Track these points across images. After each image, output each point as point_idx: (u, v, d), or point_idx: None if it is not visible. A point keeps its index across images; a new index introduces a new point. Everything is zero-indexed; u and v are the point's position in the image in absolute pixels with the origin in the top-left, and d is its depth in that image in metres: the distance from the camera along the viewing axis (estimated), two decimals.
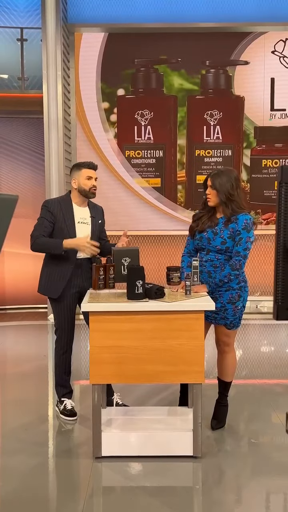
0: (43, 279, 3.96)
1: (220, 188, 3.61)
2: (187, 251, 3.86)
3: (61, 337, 3.97)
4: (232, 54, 7.50)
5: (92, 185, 3.90)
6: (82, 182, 3.89)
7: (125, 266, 3.53)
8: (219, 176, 3.63)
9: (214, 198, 3.65)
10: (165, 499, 3.04)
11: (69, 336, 3.97)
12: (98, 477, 3.30)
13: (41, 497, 3.08)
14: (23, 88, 7.39)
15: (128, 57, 7.43)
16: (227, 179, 3.62)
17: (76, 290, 3.91)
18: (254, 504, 3.07)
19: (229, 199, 3.62)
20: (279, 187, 1.80)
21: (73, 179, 3.93)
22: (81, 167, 3.93)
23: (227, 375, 3.84)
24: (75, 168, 3.94)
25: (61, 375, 4.02)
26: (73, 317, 3.97)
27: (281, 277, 1.85)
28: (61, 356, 3.98)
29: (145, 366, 3.37)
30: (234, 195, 3.64)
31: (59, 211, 3.88)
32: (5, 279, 7.65)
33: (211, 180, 3.65)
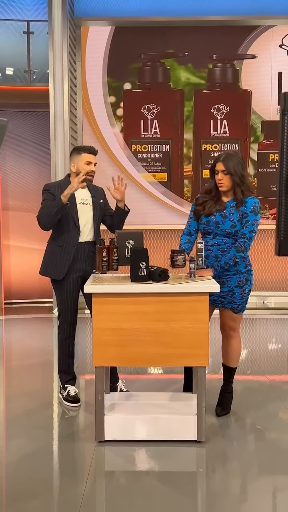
0: (45, 261, 3.93)
1: (234, 171, 3.56)
2: (187, 231, 3.82)
3: (64, 321, 3.93)
4: (240, 48, 7.45)
5: (90, 170, 3.88)
6: (81, 167, 3.87)
7: (129, 248, 3.49)
8: (230, 159, 3.58)
9: (228, 183, 3.60)
10: (168, 483, 2.99)
11: (72, 320, 3.94)
12: (101, 461, 3.26)
13: (43, 479, 3.04)
14: (29, 81, 7.39)
15: (134, 51, 7.40)
16: (237, 161, 3.58)
17: (79, 274, 3.88)
18: (258, 488, 3.01)
19: (242, 181, 3.58)
20: (282, 116, 1.76)
21: (72, 163, 3.91)
22: (81, 151, 3.91)
23: (232, 360, 3.80)
24: (75, 152, 3.92)
25: (64, 360, 3.99)
26: (76, 301, 3.94)
27: (284, 212, 1.81)
28: (64, 341, 3.95)
29: (148, 349, 3.33)
30: (245, 176, 3.61)
31: (60, 193, 3.85)
32: (11, 273, 7.63)
33: (223, 165, 3.57)
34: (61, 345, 3.97)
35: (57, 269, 3.86)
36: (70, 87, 7.06)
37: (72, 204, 3.84)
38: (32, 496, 2.85)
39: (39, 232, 7.46)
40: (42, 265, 3.96)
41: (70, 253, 3.85)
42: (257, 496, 2.93)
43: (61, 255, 3.86)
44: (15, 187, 7.58)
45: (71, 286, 3.88)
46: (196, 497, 2.93)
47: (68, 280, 3.86)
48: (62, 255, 3.85)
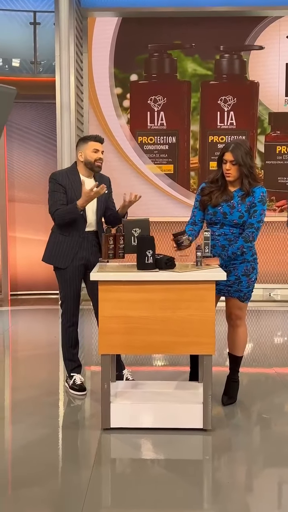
0: (49, 249, 3.93)
1: (243, 162, 3.53)
2: (191, 221, 3.79)
3: (67, 309, 3.93)
4: (247, 39, 7.41)
5: (98, 157, 3.86)
6: (88, 155, 3.86)
7: (135, 236, 3.49)
8: (239, 149, 3.54)
9: (235, 173, 3.58)
10: (173, 471, 2.99)
11: (75, 308, 3.93)
12: (107, 448, 3.26)
13: (49, 466, 3.04)
14: (36, 72, 7.38)
15: (141, 42, 7.37)
16: (245, 151, 3.55)
17: (81, 262, 3.88)
18: (263, 477, 3.01)
19: (249, 172, 3.56)
20: None
21: (79, 152, 3.90)
22: (87, 140, 3.90)
23: (238, 349, 3.79)
24: (82, 141, 3.91)
25: (68, 348, 3.99)
26: (79, 290, 3.93)
27: None
28: (67, 329, 3.95)
29: (154, 337, 3.32)
30: (253, 167, 3.60)
31: (67, 182, 3.85)
32: (17, 265, 7.64)
33: (232, 155, 3.53)
34: (64, 333, 3.97)
35: (63, 257, 3.85)
36: (77, 79, 7.04)
37: (80, 194, 3.82)
38: (38, 482, 2.86)
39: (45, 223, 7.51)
40: (46, 253, 3.96)
41: (76, 243, 3.84)
42: (263, 485, 2.93)
43: (67, 244, 3.85)
44: (21, 178, 7.59)
45: (74, 274, 3.87)
46: (202, 485, 2.92)
47: (71, 268, 3.86)
48: (68, 244, 3.85)
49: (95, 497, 2.75)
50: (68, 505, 2.67)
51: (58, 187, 3.85)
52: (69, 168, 4.06)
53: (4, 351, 5.34)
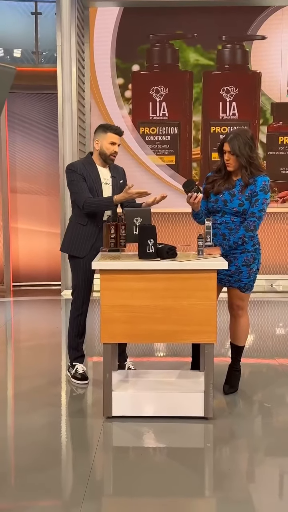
0: (67, 238, 3.94)
1: (240, 153, 3.52)
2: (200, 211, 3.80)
3: (78, 298, 3.93)
4: (249, 28, 7.37)
5: (113, 151, 3.85)
6: (104, 146, 3.84)
7: (137, 226, 3.49)
8: (236, 139, 3.53)
9: (234, 163, 3.57)
10: (175, 458, 3.01)
11: (85, 297, 3.94)
12: (109, 436, 3.28)
13: (51, 453, 3.06)
14: (37, 62, 7.35)
15: (143, 32, 7.34)
16: (244, 141, 3.54)
17: (96, 252, 3.87)
18: (264, 465, 3.03)
19: (249, 162, 3.55)
20: None
21: (96, 140, 3.87)
22: (107, 130, 3.85)
23: (240, 339, 3.79)
24: (101, 129, 3.87)
25: (74, 337, 3.99)
26: (91, 280, 3.94)
27: None
28: (75, 318, 3.96)
29: (156, 326, 3.33)
30: (254, 157, 3.57)
31: (86, 172, 3.84)
32: (19, 256, 7.65)
33: (229, 146, 3.54)
34: (72, 322, 3.97)
35: (81, 247, 3.85)
36: (78, 69, 7.02)
37: (98, 184, 3.83)
38: (40, 470, 2.87)
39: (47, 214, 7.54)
40: (64, 242, 3.98)
41: (94, 232, 3.84)
42: (264, 473, 2.95)
43: (85, 234, 3.84)
44: (23, 169, 7.58)
45: (89, 264, 3.87)
46: (203, 473, 2.94)
47: (86, 258, 3.84)
48: (86, 233, 3.84)
49: (97, 484, 2.77)
50: (70, 493, 2.69)
51: (77, 177, 3.83)
52: (84, 158, 4.04)
53: (7, 342, 5.36)
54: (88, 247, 3.86)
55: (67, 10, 6.82)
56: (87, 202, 3.77)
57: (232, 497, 2.67)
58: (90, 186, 3.82)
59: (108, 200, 3.74)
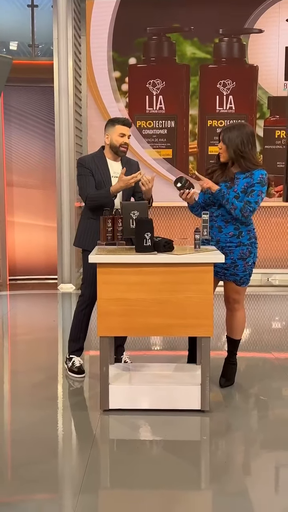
0: (79, 233, 3.96)
1: (230, 143, 3.53)
2: (195, 203, 3.80)
3: (85, 291, 3.93)
4: (246, 22, 7.34)
5: (123, 142, 3.86)
6: (114, 139, 3.85)
7: (134, 219, 3.48)
8: (230, 130, 3.56)
9: (224, 154, 3.59)
10: (171, 451, 3.02)
11: (93, 292, 3.92)
12: (105, 429, 3.29)
13: (48, 446, 3.07)
14: (34, 55, 7.32)
15: (140, 25, 7.30)
16: (237, 134, 3.54)
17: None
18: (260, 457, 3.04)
19: (238, 155, 3.54)
20: None
21: (106, 135, 3.89)
22: (115, 123, 3.88)
23: (236, 333, 3.80)
24: (110, 123, 3.90)
25: (76, 329, 3.99)
26: None
27: None
28: (80, 312, 3.95)
29: (153, 319, 3.33)
30: (245, 151, 3.55)
31: (94, 166, 3.85)
32: (15, 249, 7.64)
33: (221, 136, 3.58)
34: (77, 315, 3.97)
35: (91, 240, 3.85)
36: (75, 62, 6.99)
37: (107, 178, 3.83)
38: (37, 463, 2.88)
39: (43, 208, 7.52)
40: (77, 237, 4.00)
41: None
42: (259, 465, 2.96)
43: (96, 228, 3.83)
44: (19, 163, 7.55)
45: None
46: (200, 465, 2.96)
47: None
48: (97, 227, 3.84)
49: (94, 477, 2.77)
50: (67, 486, 2.70)
51: (85, 171, 3.85)
52: (95, 152, 4.04)
53: (3, 335, 5.36)
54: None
55: (64, 2, 6.78)
56: (88, 198, 3.80)
57: (228, 489, 2.69)
58: (99, 179, 3.84)
59: (105, 191, 3.74)
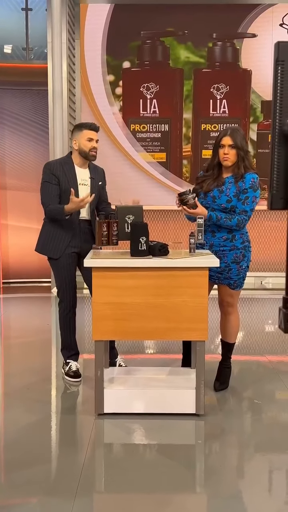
0: (42, 239, 3.93)
1: (241, 145, 3.56)
2: None
3: (64, 298, 3.94)
4: (240, 26, 7.39)
5: (92, 147, 3.85)
6: (82, 143, 3.84)
7: (129, 223, 3.49)
8: (237, 133, 3.58)
9: (233, 157, 3.59)
10: (166, 455, 3.02)
11: (71, 296, 3.94)
12: (100, 433, 3.29)
13: (43, 450, 3.06)
14: (28, 58, 7.32)
15: (134, 29, 7.34)
16: (241, 137, 3.60)
17: (74, 250, 3.88)
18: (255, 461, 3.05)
19: (244, 157, 3.58)
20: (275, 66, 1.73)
21: (73, 140, 3.88)
22: (82, 128, 3.87)
23: (230, 336, 3.81)
24: (77, 128, 3.89)
25: (66, 336, 4.00)
26: (74, 277, 3.94)
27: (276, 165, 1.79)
28: (65, 317, 3.96)
29: (148, 323, 3.34)
30: (248, 152, 3.62)
31: (61, 173, 3.83)
32: (9, 253, 7.63)
33: (231, 139, 3.54)
34: (62, 322, 3.97)
35: (55, 248, 3.86)
36: (69, 65, 7.01)
37: (74, 185, 3.82)
38: (32, 467, 2.87)
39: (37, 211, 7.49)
40: (39, 243, 3.95)
41: (68, 233, 3.84)
42: (254, 469, 2.97)
43: (59, 235, 3.85)
44: (13, 166, 7.55)
45: (68, 262, 3.88)
46: (194, 469, 2.96)
47: (64, 257, 3.86)
48: (60, 234, 3.85)
49: (89, 481, 2.77)
50: (62, 490, 2.69)
51: (51, 178, 3.83)
52: (63, 158, 4.05)
53: None
54: (63, 248, 3.86)
55: (58, 6, 6.79)
56: (46, 210, 3.83)
57: (223, 493, 2.69)
58: (65, 186, 3.81)
59: (60, 209, 3.74)
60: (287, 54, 1.74)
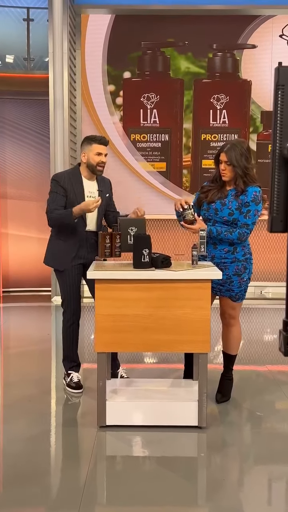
0: (50, 251, 3.94)
1: (237, 163, 3.55)
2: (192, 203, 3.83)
3: (68, 308, 3.94)
4: (240, 37, 7.44)
5: (100, 161, 3.87)
6: (91, 157, 3.85)
7: (131, 235, 3.50)
8: (233, 150, 3.56)
9: (230, 174, 3.60)
10: (169, 467, 3.02)
11: (75, 307, 3.94)
12: (102, 446, 3.28)
13: (46, 463, 3.06)
14: (29, 68, 7.35)
15: (134, 39, 7.38)
16: (241, 152, 3.57)
17: (80, 261, 3.89)
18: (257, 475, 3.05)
19: (244, 173, 3.58)
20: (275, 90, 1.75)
21: (82, 153, 3.89)
22: (92, 141, 3.88)
23: (232, 348, 3.82)
24: (86, 141, 3.90)
25: (68, 347, 4.00)
26: (78, 288, 3.95)
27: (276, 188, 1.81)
28: (68, 328, 3.96)
29: (150, 335, 3.34)
30: (249, 168, 3.60)
31: (69, 184, 3.85)
32: (9, 261, 7.63)
33: (226, 156, 3.56)
34: (65, 332, 3.97)
35: (63, 260, 3.87)
36: (70, 75, 7.03)
37: (81, 197, 3.83)
38: (35, 480, 2.87)
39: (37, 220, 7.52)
40: (46, 255, 3.97)
41: (75, 245, 3.85)
42: (257, 482, 2.96)
43: (66, 247, 3.85)
44: (13, 175, 7.57)
45: (73, 274, 3.89)
46: (197, 482, 2.96)
47: (70, 269, 3.87)
48: (67, 247, 3.85)
49: (93, 495, 2.76)
50: (66, 503, 2.68)
51: (58, 189, 3.85)
52: (71, 169, 4.06)
53: None
54: (69, 260, 3.87)
55: (59, 16, 6.83)
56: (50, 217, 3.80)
57: (226, 506, 2.68)
58: (72, 199, 3.82)
59: (68, 212, 3.74)
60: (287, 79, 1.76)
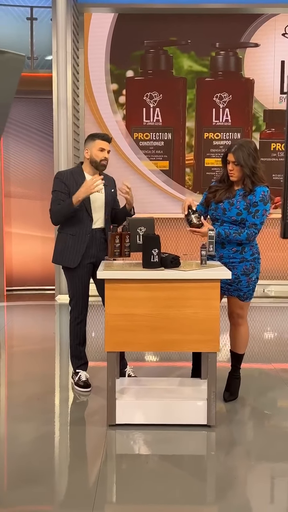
0: (57, 249, 3.95)
1: (245, 163, 3.56)
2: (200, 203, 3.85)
3: (75, 307, 3.96)
4: (242, 36, 7.44)
5: (103, 157, 3.89)
6: (94, 153, 3.88)
7: (140, 235, 3.52)
8: (241, 150, 3.57)
9: (238, 174, 3.61)
10: (179, 466, 3.04)
11: (83, 305, 3.96)
12: (112, 445, 3.30)
13: (56, 463, 3.08)
14: (32, 67, 7.35)
15: (137, 38, 7.38)
16: (248, 152, 3.58)
17: (90, 260, 3.90)
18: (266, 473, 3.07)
19: (252, 173, 3.60)
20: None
21: (86, 149, 3.92)
22: (95, 138, 3.92)
23: (240, 347, 3.84)
24: (90, 138, 3.94)
25: (76, 345, 4.02)
26: (87, 288, 3.96)
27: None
28: (75, 327, 3.98)
29: (159, 335, 3.36)
30: (257, 167, 3.61)
31: (72, 182, 3.86)
32: (12, 260, 7.64)
33: (234, 156, 3.57)
34: (72, 331, 3.99)
35: (71, 257, 3.88)
36: (73, 74, 7.04)
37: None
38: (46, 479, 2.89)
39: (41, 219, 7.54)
40: (54, 253, 3.98)
41: (84, 242, 3.86)
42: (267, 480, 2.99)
43: (74, 244, 3.87)
44: (17, 174, 7.58)
45: (83, 273, 3.90)
46: (207, 481, 2.98)
47: (80, 267, 3.89)
48: (75, 243, 3.87)
49: (105, 493, 2.79)
50: (79, 502, 2.70)
51: (61, 186, 3.86)
52: (74, 167, 4.09)
53: (0, 347, 5.35)
54: (79, 257, 3.88)
55: (63, 15, 6.83)
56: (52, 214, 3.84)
57: (236, 504, 2.71)
58: None
59: (67, 202, 3.77)
60: None
